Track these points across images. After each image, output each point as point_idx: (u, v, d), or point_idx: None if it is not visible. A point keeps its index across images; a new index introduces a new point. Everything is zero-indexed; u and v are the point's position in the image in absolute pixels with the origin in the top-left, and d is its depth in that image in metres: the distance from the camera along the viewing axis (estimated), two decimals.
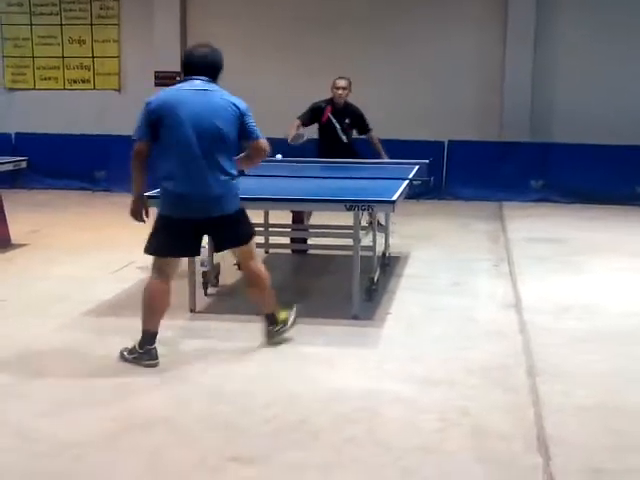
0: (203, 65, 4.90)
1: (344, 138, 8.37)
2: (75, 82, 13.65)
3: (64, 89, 13.66)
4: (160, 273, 4.85)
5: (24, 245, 8.25)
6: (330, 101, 8.33)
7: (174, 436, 3.86)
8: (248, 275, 5.19)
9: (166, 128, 4.73)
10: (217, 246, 5.30)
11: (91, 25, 13.44)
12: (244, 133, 4.90)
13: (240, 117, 4.85)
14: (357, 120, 8.43)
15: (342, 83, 8.31)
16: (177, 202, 4.79)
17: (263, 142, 4.96)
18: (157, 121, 4.73)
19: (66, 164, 12.44)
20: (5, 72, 13.81)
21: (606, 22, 12.14)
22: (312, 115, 8.27)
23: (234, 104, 4.87)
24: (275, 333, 5.21)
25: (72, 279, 6.83)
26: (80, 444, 3.76)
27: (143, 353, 4.79)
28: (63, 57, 13.61)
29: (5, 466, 3.57)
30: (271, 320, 5.21)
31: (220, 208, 4.85)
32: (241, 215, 5.03)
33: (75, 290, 6.46)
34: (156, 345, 4.82)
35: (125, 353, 4.86)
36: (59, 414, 4.09)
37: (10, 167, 8.50)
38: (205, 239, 6.54)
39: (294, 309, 5.37)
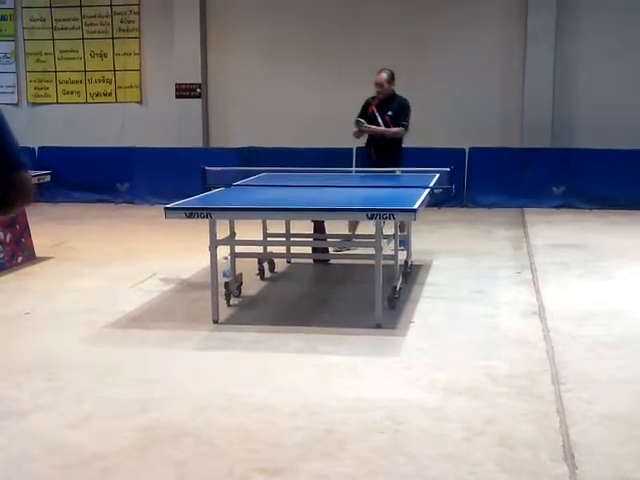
0: None
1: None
2: (97, 95, 13.79)
3: (86, 103, 13.81)
4: None
5: (48, 258, 8.32)
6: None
7: (200, 448, 3.88)
8: None
9: None
10: None
11: (112, 39, 13.58)
12: None
13: None
14: (398, 111, 8.57)
15: (378, 79, 8.53)
16: None
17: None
18: None
19: (89, 177, 12.55)
20: (28, 87, 13.99)
21: (628, 25, 12.12)
22: (363, 110, 8.58)
23: None
24: None
25: (96, 291, 6.88)
26: (108, 456, 3.78)
27: None
28: (85, 71, 13.77)
29: (33, 478, 3.59)
30: None
31: None
32: None
33: (99, 302, 6.51)
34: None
35: None
36: (86, 426, 4.12)
37: (34, 181, 8.55)
38: (227, 249, 6.63)
39: None
